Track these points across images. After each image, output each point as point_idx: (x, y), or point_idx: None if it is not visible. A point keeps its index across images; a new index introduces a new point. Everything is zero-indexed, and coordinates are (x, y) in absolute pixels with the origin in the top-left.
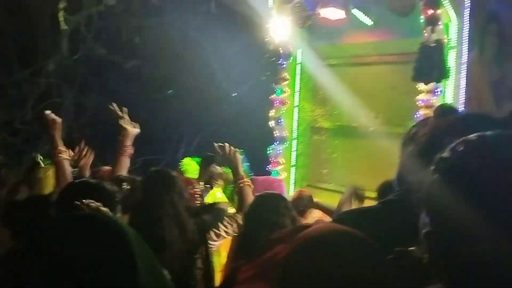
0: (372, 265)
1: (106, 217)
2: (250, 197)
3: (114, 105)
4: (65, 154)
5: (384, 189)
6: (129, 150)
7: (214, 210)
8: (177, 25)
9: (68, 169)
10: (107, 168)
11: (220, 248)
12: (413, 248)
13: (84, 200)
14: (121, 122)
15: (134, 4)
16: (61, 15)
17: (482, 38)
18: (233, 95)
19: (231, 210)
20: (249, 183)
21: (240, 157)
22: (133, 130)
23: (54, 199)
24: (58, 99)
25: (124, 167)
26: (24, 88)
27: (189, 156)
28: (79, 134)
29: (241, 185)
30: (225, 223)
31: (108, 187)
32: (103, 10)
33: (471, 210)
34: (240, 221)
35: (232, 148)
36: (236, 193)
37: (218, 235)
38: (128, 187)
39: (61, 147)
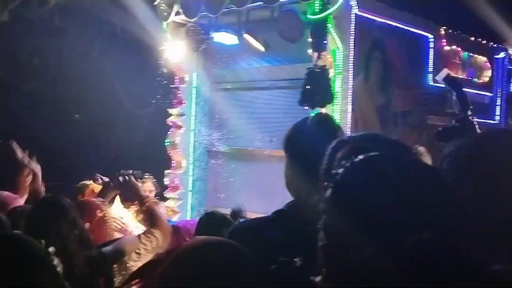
0: (247, 275)
1: (26, 237)
2: (160, 212)
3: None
4: None
5: None
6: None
7: (118, 241)
8: (80, 45)
9: None
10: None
11: None
12: (296, 258)
13: None
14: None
15: (35, 23)
16: None
17: (367, 65)
18: (137, 118)
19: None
20: (155, 201)
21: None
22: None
23: None
24: None
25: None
26: None
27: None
28: None
29: (147, 204)
30: (143, 240)
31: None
32: None
33: (353, 223)
34: (158, 236)
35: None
36: (144, 213)
37: (139, 254)
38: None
39: None
